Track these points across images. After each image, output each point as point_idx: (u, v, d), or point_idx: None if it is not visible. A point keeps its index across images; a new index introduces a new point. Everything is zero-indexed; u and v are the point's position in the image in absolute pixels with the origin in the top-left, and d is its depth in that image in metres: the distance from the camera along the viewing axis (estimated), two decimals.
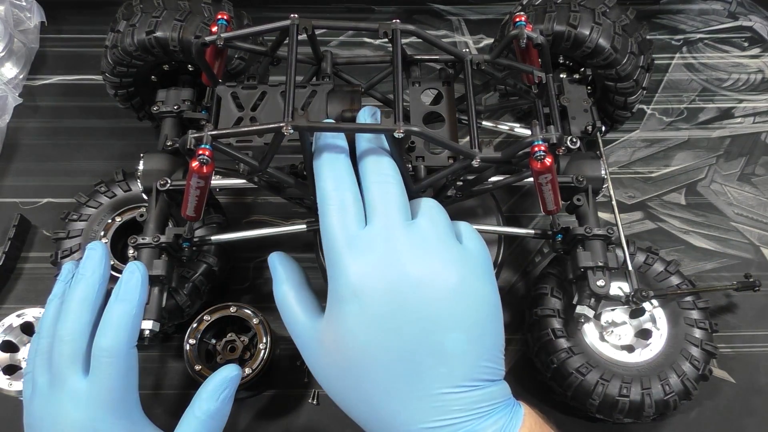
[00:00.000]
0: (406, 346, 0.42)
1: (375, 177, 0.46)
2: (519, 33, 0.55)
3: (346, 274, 0.43)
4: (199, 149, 0.48)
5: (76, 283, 0.51)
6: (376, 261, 0.42)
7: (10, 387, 0.58)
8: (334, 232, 0.44)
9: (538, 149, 0.48)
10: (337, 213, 0.44)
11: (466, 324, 0.42)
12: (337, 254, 0.43)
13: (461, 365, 0.42)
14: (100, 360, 0.48)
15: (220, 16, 0.56)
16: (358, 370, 0.43)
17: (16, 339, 0.60)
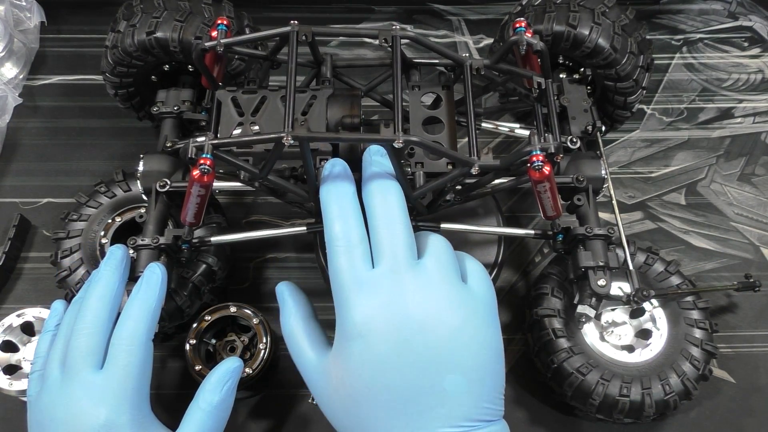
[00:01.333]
0: (408, 386, 0.43)
1: (382, 216, 0.47)
2: (519, 39, 0.55)
3: (352, 315, 0.44)
4: (200, 158, 0.48)
5: (96, 280, 0.52)
6: (382, 303, 0.44)
7: (10, 387, 0.58)
8: (342, 274, 0.46)
9: (536, 159, 0.49)
10: (345, 254, 0.46)
11: (467, 366, 0.44)
12: (344, 295, 0.45)
13: (460, 406, 0.43)
14: (118, 349, 0.49)
15: (219, 21, 0.56)
16: (361, 406, 0.44)
17: (16, 339, 0.60)
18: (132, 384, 0.49)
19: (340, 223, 0.47)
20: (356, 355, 0.44)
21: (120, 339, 0.50)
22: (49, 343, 0.52)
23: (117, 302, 0.52)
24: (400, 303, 0.44)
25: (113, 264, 0.53)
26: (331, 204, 0.48)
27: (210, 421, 0.50)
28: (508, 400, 0.62)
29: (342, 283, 0.45)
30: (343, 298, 0.45)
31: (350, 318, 0.44)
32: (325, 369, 0.47)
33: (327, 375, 0.47)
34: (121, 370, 0.49)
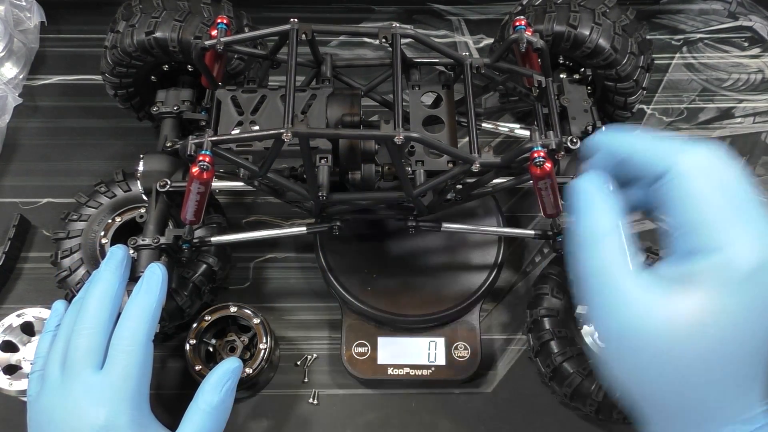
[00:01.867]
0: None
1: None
2: (519, 37, 0.55)
3: (740, 252, 0.36)
4: (199, 155, 0.48)
5: (96, 281, 0.53)
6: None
7: (10, 387, 0.58)
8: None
9: (537, 155, 0.49)
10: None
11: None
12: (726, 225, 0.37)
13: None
14: (119, 349, 0.49)
15: (219, 20, 0.56)
16: (699, 358, 0.36)
17: (16, 339, 0.60)
18: (132, 384, 0.49)
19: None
20: (732, 304, 0.36)
21: (120, 339, 0.50)
22: (49, 344, 0.52)
23: (117, 303, 0.52)
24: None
25: (114, 264, 0.53)
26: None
27: (210, 421, 0.51)
28: (508, 400, 0.63)
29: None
30: (724, 229, 0.37)
31: (736, 257, 0.36)
32: (657, 303, 0.37)
33: (654, 311, 0.37)
34: (121, 370, 0.49)
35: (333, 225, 0.59)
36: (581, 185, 0.42)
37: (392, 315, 0.62)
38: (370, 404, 0.62)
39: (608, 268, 0.39)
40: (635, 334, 0.38)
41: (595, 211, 0.41)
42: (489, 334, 0.65)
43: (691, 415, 0.38)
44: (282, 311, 0.66)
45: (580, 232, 0.41)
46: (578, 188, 0.42)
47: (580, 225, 0.41)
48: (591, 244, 0.40)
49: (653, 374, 0.38)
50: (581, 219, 0.41)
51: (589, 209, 0.41)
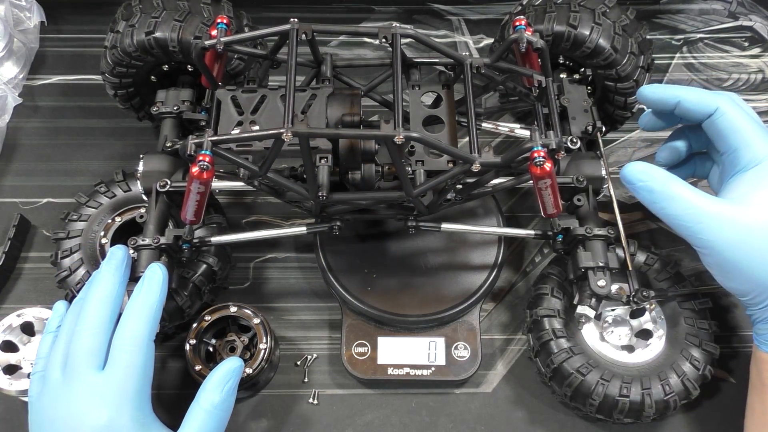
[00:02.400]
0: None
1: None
2: (519, 37, 0.55)
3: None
4: (199, 155, 0.48)
5: (97, 281, 0.53)
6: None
7: (10, 387, 0.58)
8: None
9: (538, 155, 0.49)
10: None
11: None
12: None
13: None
14: (120, 350, 0.49)
15: (219, 20, 0.56)
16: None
17: (16, 339, 0.60)
18: (133, 384, 0.49)
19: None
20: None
21: (121, 340, 0.50)
22: (50, 345, 0.52)
23: (118, 303, 0.52)
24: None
25: (114, 265, 0.53)
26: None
27: (211, 421, 0.51)
28: (508, 400, 0.63)
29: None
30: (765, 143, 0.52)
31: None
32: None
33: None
34: (123, 370, 0.49)
35: (333, 225, 0.59)
36: (637, 173, 0.53)
37: (392, 315, 0.62)
38: (370, 404, 0.62)
39: (695, 206, 0.51)
40: (726, 239, 0.50)
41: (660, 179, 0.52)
42: (489, 334, 0.65)
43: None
44: (282, 311, 0.67)
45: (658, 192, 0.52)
46: (636, 173, 0.53)
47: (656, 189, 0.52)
48: (674, 196, 0.52)
49: (762, 256, 0.50)
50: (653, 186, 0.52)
51: (654, 179, 0.52)
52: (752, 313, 0.54)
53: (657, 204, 0.53)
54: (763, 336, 0.53)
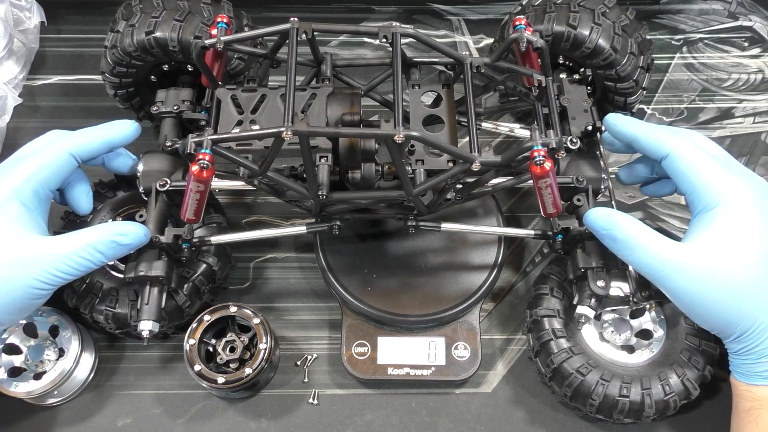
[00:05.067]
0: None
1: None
2: (519, 36, 0.55)
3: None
4: (199, 154, 0.48)
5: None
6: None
7: (15, 389, 0.58)
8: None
9: (538, 154, 0.49)
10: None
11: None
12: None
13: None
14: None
15: (219, 19, 0.56)
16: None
17: (18, 341, 0.60)
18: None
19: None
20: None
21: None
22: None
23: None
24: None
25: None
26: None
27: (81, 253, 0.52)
28: (508, 400, 0.63)
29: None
30: (718, 188, 0.52)
31: (731, 206, 0.51)
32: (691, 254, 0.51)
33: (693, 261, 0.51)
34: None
35: (333, 224, 0.59)
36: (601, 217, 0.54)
37: (392, 315, 0.62)
38: (370, 404, 0.62)
39: (655, 255, 0.52)
40: (685, 286, 0.51)
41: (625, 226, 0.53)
42: (489, 334, 0.65)
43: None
44: (282, 311, 0.66)
45: (623, 240, 0.52)
46: (599, 221, 0.54)
47: (619, 236, 0.52)
48: (635, 246, 0.52)
49: (720, 299, 0.51)
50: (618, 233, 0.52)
51: (619, 226, 0.53)
52: (725, 344, 0.55)
53: (621, 252, 0.53)
54: (734, 364, 0.54)
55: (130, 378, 0.63)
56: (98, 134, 0.58)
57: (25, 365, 0.60)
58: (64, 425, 0.61)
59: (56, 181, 0.56)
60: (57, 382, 0.59)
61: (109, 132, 0.58)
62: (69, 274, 0.52)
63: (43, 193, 0.55)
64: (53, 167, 0.55)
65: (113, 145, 0.59)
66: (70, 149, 0.56)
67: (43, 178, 0.55)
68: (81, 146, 0.57)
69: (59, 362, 0.60)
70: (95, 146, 0.57)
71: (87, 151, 0.57)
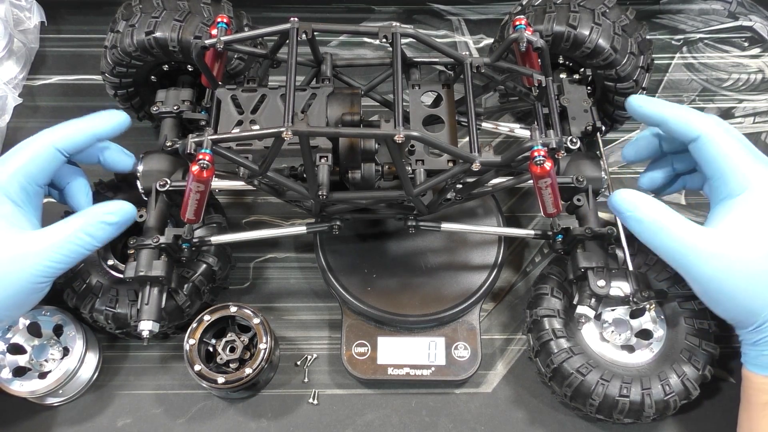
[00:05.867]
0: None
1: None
2: (519, 36, 0.55)
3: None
4: (199, 154, 0.48)
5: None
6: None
7: (21, 388, 0.58)
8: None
9: (538, 154, 0.49)
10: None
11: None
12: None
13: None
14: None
15: (219, 19, 0.56)
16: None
17: (23, 340, 0.60)
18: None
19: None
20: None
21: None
22: None
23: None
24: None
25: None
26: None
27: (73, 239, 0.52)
28: (508, 400, 0.63)
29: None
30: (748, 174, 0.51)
31: (758, 193, 0.51)
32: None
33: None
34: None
35: (333, 224, 0.59)
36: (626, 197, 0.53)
37: (392, 315, 0.62)
38: (370, 404, 0.62)
39: (680, 239, 0.51)
40: (709, 272, 0.50)
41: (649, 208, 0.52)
42: (489, 334, 0.65)
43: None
44: (282, 311, 0.67)
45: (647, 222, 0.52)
46: (625, 202, 0.53)
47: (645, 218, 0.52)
48: (660, 229, 0.51)
49: (745, 286, 0.50)
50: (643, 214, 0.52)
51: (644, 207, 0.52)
52: (740, 335, 0.54)
53: (645, 234, 0.52)
54: (749, 356, 0.54)
55: (130, 378, 0.63)
56: (83, 126, 0.56)
57: (29, 365, 0.60)
58: (64, 425, 0.61)
59: (43, 176, 0.55)
60: (61, 381, 0.59)
61: (94, 123, 0.56)
62: (63, 263, 0.52)
63: (31, 188, 0.54)
64: (38, 161, 0.54)
65: (100, 136, 0.57)
66: (54, 142, 0.55)
67: (29, 173, 0.54)
68: (65, 139, 0.55)
69: (63, 361, 0.60)
70: (80, 138, 0.56)
71: (72, 144, 0.55)
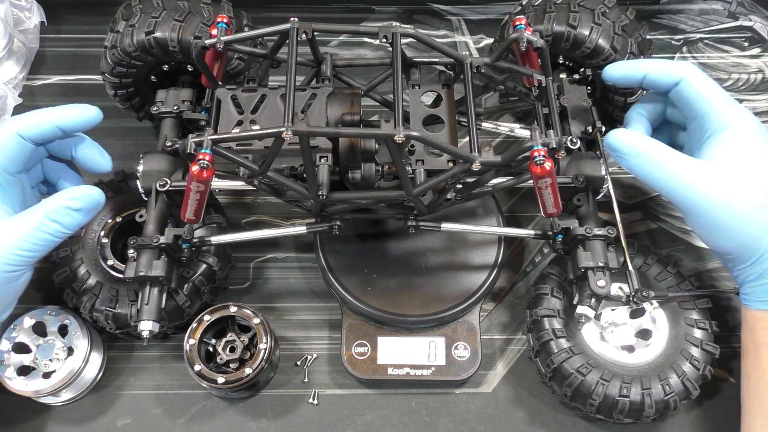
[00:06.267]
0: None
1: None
2: (519, 36, 0.55)
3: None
4: (199, 154, 0.48)
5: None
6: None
7: (26, 387, 0.58)
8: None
9: (538, 154, 0.49)
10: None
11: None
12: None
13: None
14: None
15: (219, 19, 0.56)
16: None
17: (28, 340, 0.60)
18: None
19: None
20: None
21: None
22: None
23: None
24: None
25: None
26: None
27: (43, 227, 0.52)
28: (508, 400, 0.63)
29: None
30: (728, 111, 0.54)
31: (741, 127, 0.53)
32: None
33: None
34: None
35: (333, 225, 0.59)
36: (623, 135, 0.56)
37: (392, 315, 0.62)
38: (370, 404, 0.62)
39: (679, 167, 0.53)
40: (711, 198, 0.52)
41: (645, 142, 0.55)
42: (489, 334, 0.65)
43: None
44: (282, 311, 0.67)
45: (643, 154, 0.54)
46: (622, 139, 0.55)
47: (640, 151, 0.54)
48: (656, 162, 0.54)
49: (743, 213, 0.52)
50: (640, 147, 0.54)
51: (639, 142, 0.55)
52: (739, 273, 0.55)
53: (644, 168, 0.54)
54: (754, 294, 0.54)
55: (130, 378, 0.63)
56: (49, 115, 0.55)
57: (34, 364, 0.60)
58: (65, 424, 0.61)
59: (12, 164, 0.54)
60: (66, 381, 0.59)
61: (61, 114, 0.55)
62: (33, 251, 0.52)
63: (2, 177, 0.54)
64: (3, 149, 0.53)
65: (65, 127, 0.55)
66: (18, 129, 0.54)
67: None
68: (30, 127, 0.54)
69: (68, 361, 0.60)
70: (45, 127, 0.55)
71: (36, 131, 0.54)
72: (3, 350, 0.60)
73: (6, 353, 0.60)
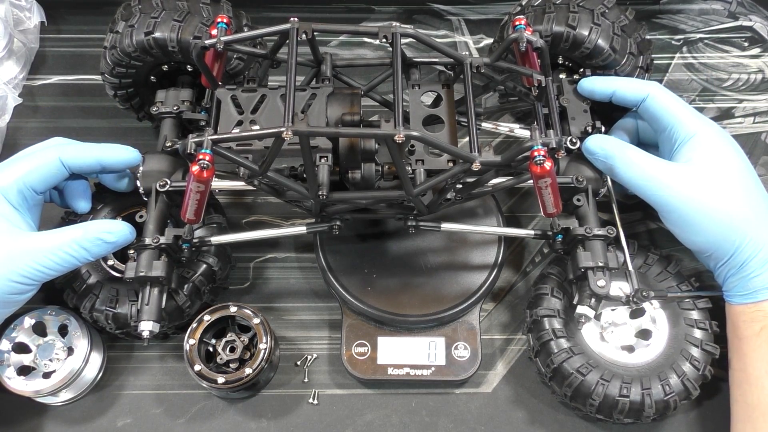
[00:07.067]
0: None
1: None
2: (518, 36, 0.55)
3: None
4: (199, 154, 0.48)
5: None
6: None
7: (26, 387, 0.58)
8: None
9: (538, 153, 0.49)
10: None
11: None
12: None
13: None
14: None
15: (219, 20, 0.56)
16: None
17: (28, 340, 0.60)
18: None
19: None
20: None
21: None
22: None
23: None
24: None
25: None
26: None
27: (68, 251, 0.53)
28: (508, 400, 0.63)
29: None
30: (693, 122, 0.58)
31: (706, 134, 0.57)
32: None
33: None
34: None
35: (333, 225, 0.59)
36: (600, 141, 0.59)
37: (392, 315, 0.62)
38: (370, 404, 0.62)
39: (651, 167, 0.57)
40: (683, 195, 0.55)
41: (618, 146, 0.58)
42: (489, 334, 0.65)
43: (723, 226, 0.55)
44: (282, 311, 0.67)
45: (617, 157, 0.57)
46: (597, 144, 0.59)
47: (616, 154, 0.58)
48: (634, 165, 0.57)
49: (722, 207, 0.55)
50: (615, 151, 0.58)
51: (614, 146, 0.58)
52: (720, 271, 0.57)
53: (619, 169, 0.57)
54: (735, 288, 0.56)
55: (130, 378, 0.63)
56: (94, 152, 0.58)
57: (34, 364, 0.60)
58: (65, 424, 0.62)
59: (43, 186, 0.56)
60: (66, 381, 0.59)
61: (106, 152, 0.58)
62: (52, 269, 0.53)
63: (30, 194, 0.56)
64: (41, 172, 0.56)
65: (106, 166, 0.59)
66: (62, 157, 0.57)
67: (30, 181, 0.55)
68: (74, 158, 0.57)
69: (68, 361, 0.60)
70: (87, 162, 0.58)
71: (78, 164, 0.58)
72: (3, 350, 0.60)
73: (6, 353, 0.60)
